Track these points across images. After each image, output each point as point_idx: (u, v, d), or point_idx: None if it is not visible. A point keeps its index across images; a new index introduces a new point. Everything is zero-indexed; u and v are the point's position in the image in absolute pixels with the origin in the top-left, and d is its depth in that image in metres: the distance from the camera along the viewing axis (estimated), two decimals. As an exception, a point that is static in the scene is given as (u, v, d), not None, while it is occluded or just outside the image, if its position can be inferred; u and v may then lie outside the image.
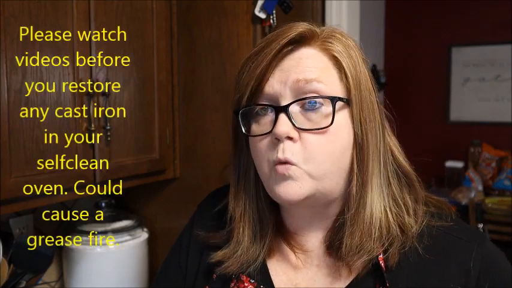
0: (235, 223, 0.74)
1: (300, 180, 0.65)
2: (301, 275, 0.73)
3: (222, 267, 0.73)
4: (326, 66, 0.67)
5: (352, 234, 0.66)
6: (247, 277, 0.73)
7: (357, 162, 0.67)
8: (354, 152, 0.67)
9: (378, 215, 0.67)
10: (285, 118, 0.64)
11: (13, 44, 0.95)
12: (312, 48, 0.67)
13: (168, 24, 1.37)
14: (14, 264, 1.10)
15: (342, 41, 0.68)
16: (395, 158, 0.73)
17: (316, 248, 0.73)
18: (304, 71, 0.65)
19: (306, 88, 0.65)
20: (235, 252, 0.73)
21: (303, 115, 0.65)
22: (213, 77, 1.35)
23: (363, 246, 0.65)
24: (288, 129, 0.64)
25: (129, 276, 1.37)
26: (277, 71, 0.66)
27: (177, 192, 1.46)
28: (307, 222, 0.73)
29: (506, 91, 2.88)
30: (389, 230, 0.67)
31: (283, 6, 1.29)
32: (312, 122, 0.65)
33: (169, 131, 1.39)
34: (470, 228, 0.75)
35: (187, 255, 0.82)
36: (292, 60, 0.66)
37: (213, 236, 0.78)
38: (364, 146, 0.66)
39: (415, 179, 0.73)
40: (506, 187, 2.63)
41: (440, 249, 0.67)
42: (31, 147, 0.99)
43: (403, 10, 3.11)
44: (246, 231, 0.73)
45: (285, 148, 0.64)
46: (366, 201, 0.66)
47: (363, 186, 0.67)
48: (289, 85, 0.65)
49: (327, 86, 0.65)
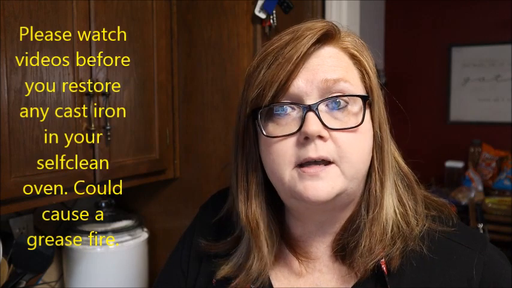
0: (243, 233, 0.72)
1: (333, 180, 0.63)
2: (302, 280, 0.72)
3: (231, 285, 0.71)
4: (348, 65, 0.67)
5: (372, 236, 0.66)
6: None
7: (377, 163, 0.67)
8: (375, 152, 0.67)
9: (391, 215, 0.67)
10: (314, 117, 0.62)
11: (13, 44, 0.95)
12: (333, 47, 0.67)
13: (168, 24, 1.37)
14: (14, 264, 1.10)
15: (356, 41, 0.69)
16: (396, 159, 0.73)
17: (321, 254, 0.72)
18: (330, 70, 0.64)
19: (333, 88, 0.64)
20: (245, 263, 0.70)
21: (329, 114, 0.64)
22: (213, 77, 1.35)
23: (376, 248, 0.65)
24: (319, 128, 0.62)
25: (129, 276, 1.37)
26: (303, 70, 0.64)
27: (177, 192, 1.46)
28: (316, 227, 0.72)
29: (506, 91, 2.88)
30: (400, 229, 0.67)
31: (283, 6, 1.29)
32: (339, 121, 0.64)
33: (169, 131, 1.39)
34: (472, 233, 0.74)
35: (189, 260, 0.82)
36: (318, 58, 0.65)
37: (214, 246, 0.76)
38: (383, 146, 0.67)
39: (413, 179, 0.73)
40: (506, 187, 2.63)
41: (442, 255, 0.67)
42: (31, 147, 0.99)
43: (403, 10, 3.11)
44: (258, 241, 0.69)
45: (318, 147, 0.62)
46: (384, 202, 0.67)
47: (382, 187, 0.67)
48: (316, 84, 0.64)
49: (352, 85, 0.65)
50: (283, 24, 1.30)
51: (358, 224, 0.67)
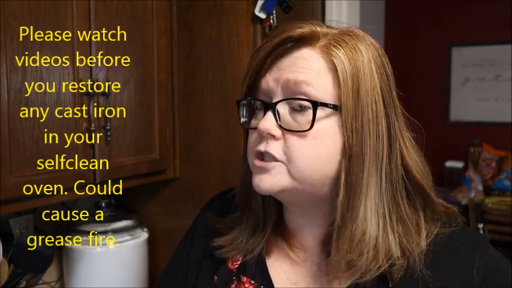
0: (241, 215, 0.76)
1: (276, 176, 0.65)
2: (301, 274, 0.73)
3: (222, 251, 0.75)
4: (322, 69, 0.65)
5: (338, 248, 0.64)
6: (248, 278, 0.74)
7: (345, 173, 0.64)
8: (343, 160, 0.65)
9: (373, 233, 0.64)
10: (271, 115, 0.65)
11: (13, 44, 0.95)
12: (313, 49, 0.66)
13: (168, 24, 1.37)
14: (14, 264, 1.10)
15: (349, 45, 0.65)
16: (411, 175, 0.69)
17: (315, 247, 0.73)
18: (297, 71, 0.65)
19: (295, 89, 0.65)
20: (236, 239, 0.75)
21: (291, 115, 0.66)
22: (213, 77, 1.35)
23: (355, 263, 0.64)
24: (271, 126, 0.65)
25: (129, 276, 1.37)
26: (274, 68, 0.67)
27: (177, 192, 1.46)
28: (305, 220, 0.73)
29: (506, 91, 2.87)
30: (389, 252, 0.64)
31: (283, 6, 1.29)
32: (297, 123, 0.65)
33: (169, 131, 1.39)
34: (473, 234, 0.74)
35: (189, 261, 0.82)
36: (290, 59, 0.67)
37: (219, 221, 0.80)
38: (355, 157, 0.63)
39: (433, 198, 0.70)
40: (506, 187, 2.63)
41: (444, 255, 0.67)
42: (31, 147, 0.99)
43: (403, 10, 3.11)
44: (248, 223, 0.75)
45: (268, 144, 0.65)
46: (356, 216, 0.63)
47: (352, 198, 0.64)
48: (281, 83, 0.66)
49: (316, 90, 0.64)
50: (283, 25, 1.30)
51: (332, 232, 0.66)
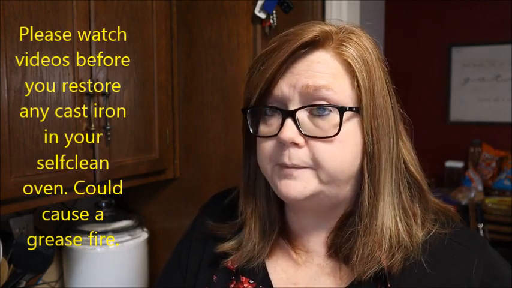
0: (247, 220, 0.74)
1: (306, 181, 0.64)
2: (301, 274, 0.73)
3: (228, 260, 0.74)
4: (338, 71, 0.64)
5: (365, 244, 0.65)
6: (247, 278, 0.74)
7: (368, 172, 0.65)
8: (364, 161, 0.65)
9: (388, 224, 0.66)
10: (291, 123, 0.63)
11: (13, 44, 0.95)
12: (326, 51, 0.65)
13: (168, 24, 1.37)
14: (14, 264, 1.10)
15: (357, 44, 0.66)
16: (406, 165, 0.71)
17: (318, 248, 0.73)
18: (314, 76, 0.63)
19: (314, 94, 0.63)
20: (244, 246, 0.73)
21: (311, 121, 0.64)
22: (213, 77, 1.35)
23: (374, 255, 0.65)
24: (294, 135, 0.63)
25: (129, 276, 1.37)
26: (287, 74, 0.65)
27: (177, 192, 1.46)
28: (311, 222, 0.73)
29: (506, 91, 2.88)
30: (399, 240, 0.66)
31: (283, 6, 1.29)
32: (319, 128, 0.64)
33: (169, 131, 1.39)
34: (472, 234, 0.74)
35: (188, 260, 0.82)
36: (304, 63, 0.64)
37: (221, 228, 0.78)
38: (376, 155, 0.65)
39: (426, 188, 0.72)
40: (506, 187, 2.63)
41: (443, 255, 0.67)
42: (31, 147, 0.99)
43: (403, 10, 3.11)
44: (257, 228, 0.73)
45: (291, 154, 0.64)
46: (378, 212, 0.65)
47: (375, 196, 0.65)
48: (298, 89, 0.64)
49: (336, 93, 0.63)
50: (283, 24, 1.30)
51: (353, 231, 0.67)
